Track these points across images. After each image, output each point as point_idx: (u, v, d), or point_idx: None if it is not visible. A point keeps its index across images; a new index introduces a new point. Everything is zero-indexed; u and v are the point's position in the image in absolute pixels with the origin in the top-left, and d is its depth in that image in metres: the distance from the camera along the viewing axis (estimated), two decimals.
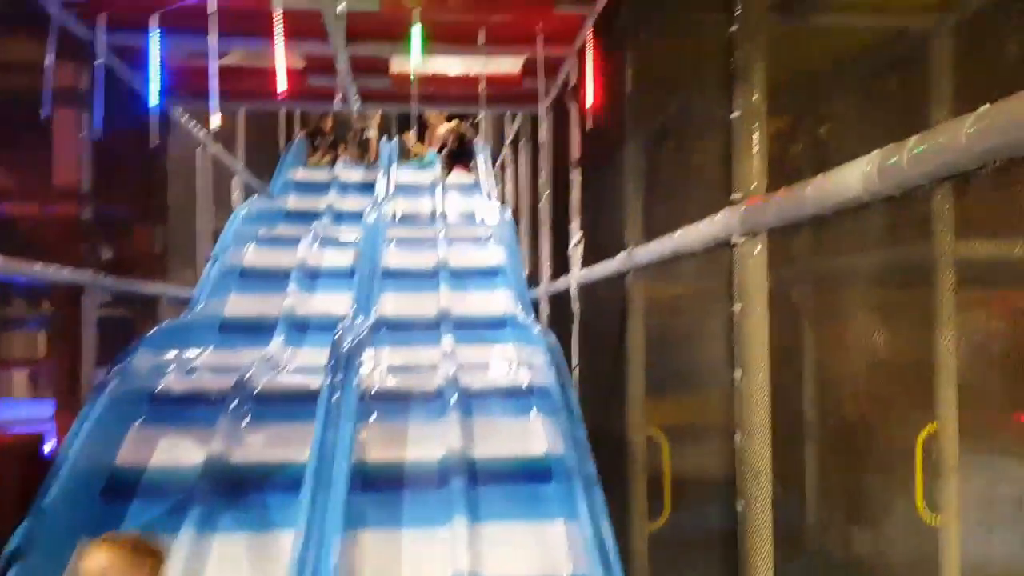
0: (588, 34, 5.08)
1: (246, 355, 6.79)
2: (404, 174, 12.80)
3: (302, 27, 4.93)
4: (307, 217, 10.48)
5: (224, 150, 9.76)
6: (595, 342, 5.45)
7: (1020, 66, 3.56)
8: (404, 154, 14.23)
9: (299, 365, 6.70)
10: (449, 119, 13.84)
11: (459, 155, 12.84)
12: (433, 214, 10.99)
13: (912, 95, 4.40)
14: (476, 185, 12.25)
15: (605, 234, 4.77)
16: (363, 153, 13.76)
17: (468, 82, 6.65)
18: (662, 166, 3.84)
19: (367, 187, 12.28)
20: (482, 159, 12.74)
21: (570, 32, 5.50)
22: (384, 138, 14.09)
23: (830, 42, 4.70)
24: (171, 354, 6.42)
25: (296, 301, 7.71)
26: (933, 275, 4.06)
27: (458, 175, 12.53)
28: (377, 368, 6.41)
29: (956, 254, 3.95)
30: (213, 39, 4.66)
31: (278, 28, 4.25)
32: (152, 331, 6.33)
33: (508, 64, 6.51)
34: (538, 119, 7.54)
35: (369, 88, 6.87)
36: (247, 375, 5.53)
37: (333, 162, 13.15)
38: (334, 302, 7.71)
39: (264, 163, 12.52)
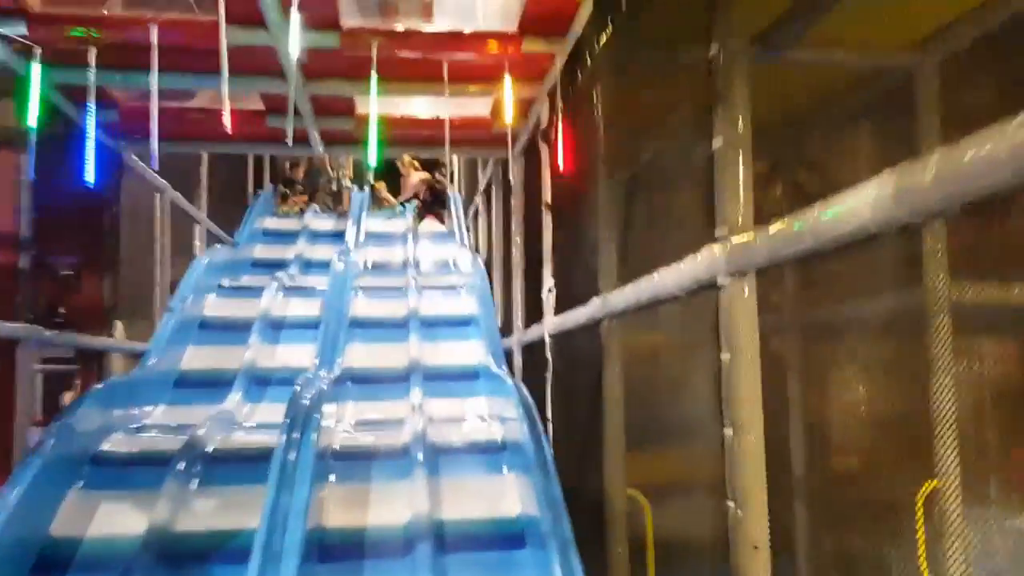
0: (558, 73, 4.87)
1: (201, 412, 6.46)
2: (376, 223, 12.61)
3: (257, 65, 4.70)
4: (274, 266, 10.20)
5: (185, 197, 9.45)
6: (570, 394, 5.15)
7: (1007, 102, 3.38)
8: (376, 202, 14.05)
9: (258, 422, 6.37)
10: (423, 166, 13.70)
11: (432, 205, 12.69)
12: (405, 263, 10.77)
13: (898, 133, 4.22)
14: (449, 234, 12.06)
15: (579, 280, 4.51)
16: (335, 202, 13.55)
17: (437, 124, 6.42)
18: (639, 206, 3.59)
19: (338, 236, 12.05)
20: (455, 208, 12.57)
21: (540, 71, 5.29)
22: (355, 187, 13.90)
23: (812, 79, 4.54)
24: (117, 412, 6.06)
25: (257, 354, 7.39)
26: (928, 320, 3.83)
27: (431, 224, 12.36)
28: (339, 424, 6.11)
29: (952, 297, 3.73)
30: (153, 77, 4.38)
31: (224, 64, 3.98)
32: (97, 387, 5.95)
33: (477, 106, 6.30)
34: (509, 163, 7.33)
35: (333, 130, 6.61)
36: (198, 434, 5.18)
37: (303, 211, 12.91)
38: (299, 354, 7.42)
39: (233, 211, 12.24)
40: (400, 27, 4.71)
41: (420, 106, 6.58)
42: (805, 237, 1.93)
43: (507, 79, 4.86)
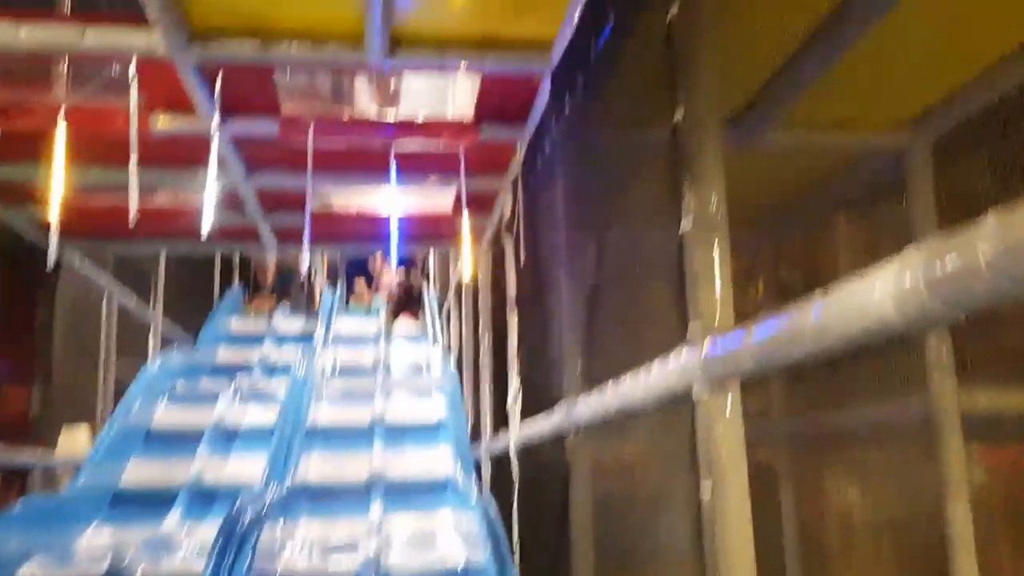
0: (519, 162, 4.51)
1: (137, 534, 5.86)
2: (347, 323, 12.14)
3: (196, 155, 4.31)
4: (236, 371, 9.66)
5: (143, 296, 8.98)
6: (538, 511, 4.59)
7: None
8: (356, 298, 13.69)
9: (198, 545, 5.73)
10: (400, 264, 13.38)
11: (406, 303, 12.31)
12: (375, 365, 10.29)
13: (891, 221, 3.86)
14: (423, 334, 11.61)
15: (544, 385, 4.03)
16: (308, 302, 13.14)
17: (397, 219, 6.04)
18: (606, 300, 3.16)
19: (307, 338, 11.55)
20: (429, 307, 12.15)
21: (502, 161, 4.95)
22: (327, 285, 13.52)
23: (792, 163, 4.21)
24: (39, 535, 5.43)
25: (205, 466, 6.79)
26: (937, 429, 3.37)
27: (405, 324, 11.94)
28: (283, 548, 5.52)
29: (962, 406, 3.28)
30: (58, 164, 3.95)
31: (133, 151, 3.58)
32: (13, 507, 5.33)
33: (439, 199, 5.93)
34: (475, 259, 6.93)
35: (285, 227, 6.20)
36: (123, 563, 4.61)
37: (272, 312, 12.46)
38: (251, 466, 6.80)
39: (199, 312, 11.77)
40: (345, 115, 4.37)
41: (379, 199, 6.20)
42: (803, 337, 1.47)
43: (462, 169, 4.47)
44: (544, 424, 3.88)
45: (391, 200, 4.91)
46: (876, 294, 1.22)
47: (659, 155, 2.34)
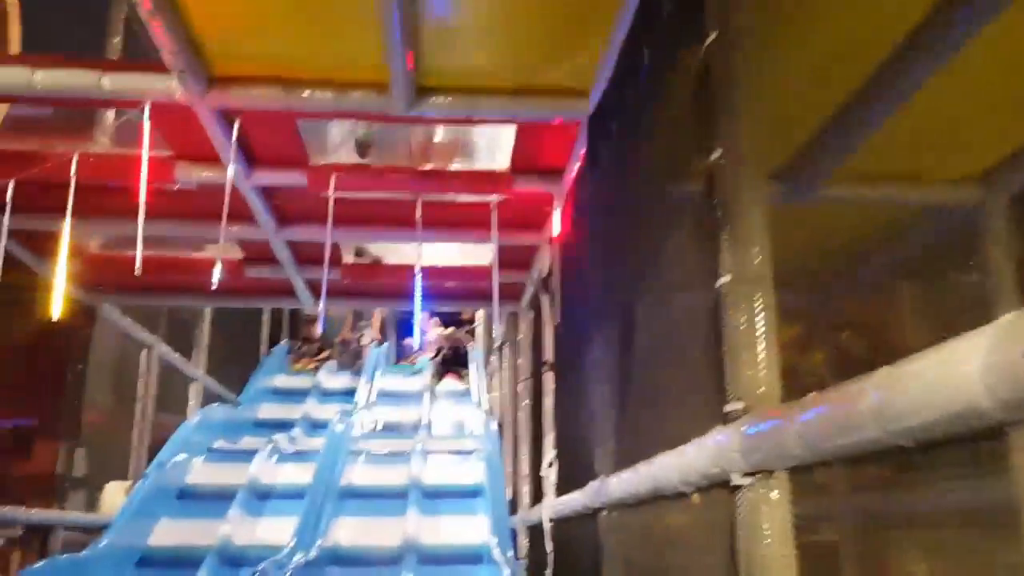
0: (558, 216, 4.28)
1: None
2: (392, 381, 11.95)
3: (230, 208, 4.16)
4: (278, 427, 9.51)
5: (185, 352, 8.91)
6: None
7: None
8: (405, 358, 13.56)
9: None
10: (446, 322, 13.20)
11: (452, 362, 12.10)
12: (417, 425, 10.05)
13: (965, 286, 3.49)
14: (467, 393, 11.35)
15: (580, 455, 3.72)
16: (354, 359, 13.02)
17: (435, 275, 5.83)
18: (643, 367, 2.86)
19: (351, 394, 11.39)
20: (475, 367, 11.89)
21: (540, 215, 4.73)
22: (373, 343, 13.38)
23: (849, 221, 3.88)
24: None
25: (236, 529, 6.58)
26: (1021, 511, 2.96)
27: (450, 383, 11.71)
28: None
29: None
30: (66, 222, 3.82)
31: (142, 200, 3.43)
32: (33, 568, 5.15)
33: (480, 255, 5.72)
34: (518, 318, 6.67)
35: (318, 281, 6.06)
36: None
37: (318, 369, 12.36)
38: (282, 529, 6.55)
39: (246, 368, 11.70)
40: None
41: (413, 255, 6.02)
42: (864, 422, 1.17)
43: (493, 221, 4.24)
44: (576, 500, 3.56)
45: (422, 253, 4.72)
46: (960, 370, 0.93)
47: (698, 207, 2.08)
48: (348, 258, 5.86)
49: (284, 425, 9.84)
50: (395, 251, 6.10)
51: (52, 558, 5.65)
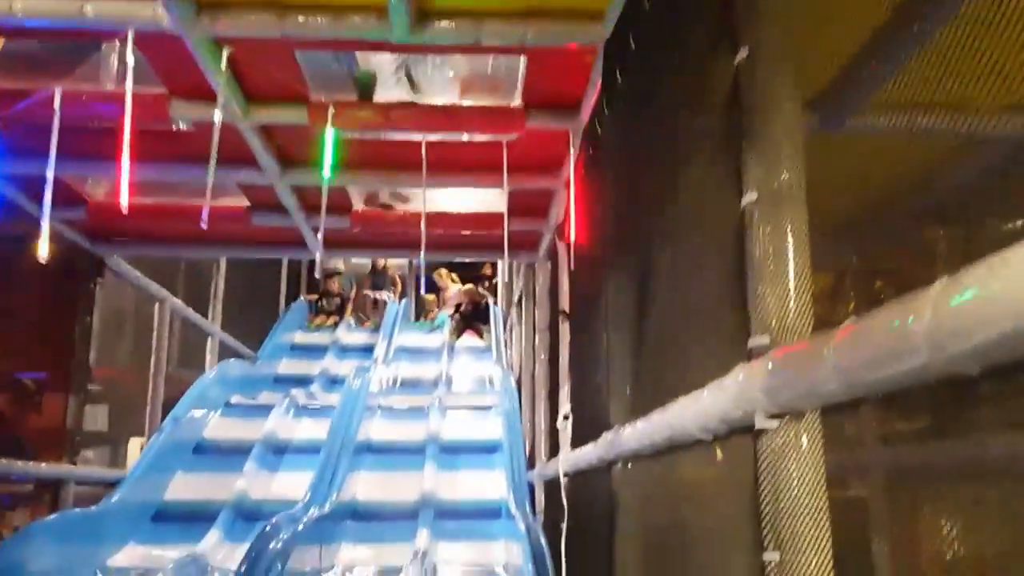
0: (573, 157, 4.04)
1: (172, 553, 5.60)
2: (410, 337, 11.84)
3: (231, 150, 3.96)
4: (296, 383, 9.45)
5: (199, 306, 8.80)
6: (586, 540, 4.09)
7: None
8: (421, 314, 13.47)
9: (231, 567, 5.44)
10: (464, 278, 13.04)
11: (472, 318, 11.94)
12: (437, 380, 9.95)
13: (1005, 231, 3.21)
14: (487, 350, 11.22)
15: (595, 406, 3.53)
16: (374, 314, 12.92)
17: (445, 222, 5.61)
18: (660, 307, 2.65)
19: (370, 350, 11.30)
20: (494, 323, 11.74)
21: (556, 158, 4.48)
22: (392, 298, 13.25)
23: (892, 154, 3.59)
24: (74, 551, 5.24)
25: (250, 483, 6.52)
26: None
27: (469, 339, 11.58)
28: (323, 573, 5.25)
29: None
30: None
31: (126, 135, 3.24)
32: (41, 521, 5.09)
33: (490, 201, 5.49)
34: (536, 268, 6.46)
35: (327, 231, 5.89)
36: None
37: (337, 325, 12.27)
38: (299, 483, 6.48)
39: (265, 323, 11.63)
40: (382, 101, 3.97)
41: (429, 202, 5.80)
42: (917, 345, 0.96)
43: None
44: (590, 453, 3.38)
45: (426, 198, 4.51)
46: None
47: (722, 121, 1.85)
48: (358, 205, 5.66)
49: (302, 381, 9.78)
50: (408, 198, 5.88)
51: (63, 511, 5.61)
